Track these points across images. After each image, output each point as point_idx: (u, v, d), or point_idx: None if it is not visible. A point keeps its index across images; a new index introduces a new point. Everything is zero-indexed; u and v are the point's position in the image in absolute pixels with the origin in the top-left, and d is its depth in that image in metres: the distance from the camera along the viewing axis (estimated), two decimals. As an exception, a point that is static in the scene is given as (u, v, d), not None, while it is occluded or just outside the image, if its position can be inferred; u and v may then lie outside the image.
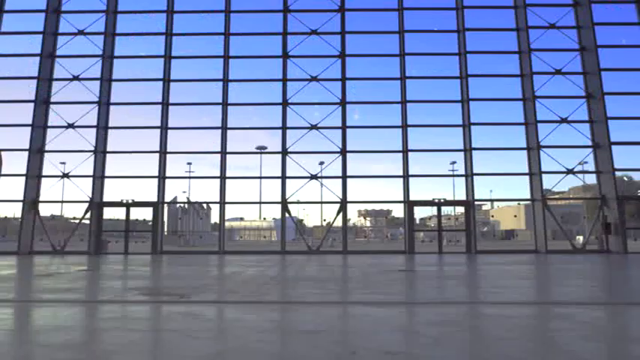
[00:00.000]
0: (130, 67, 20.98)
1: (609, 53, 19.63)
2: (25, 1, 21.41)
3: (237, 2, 20.77)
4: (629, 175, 30.35)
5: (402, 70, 20.10)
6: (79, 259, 15.80)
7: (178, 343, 3.44)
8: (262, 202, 20.65)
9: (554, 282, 8.19)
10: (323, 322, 4.28)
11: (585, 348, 3.28)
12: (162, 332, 3.99)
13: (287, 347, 3.41)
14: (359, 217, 71.72)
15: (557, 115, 19.35)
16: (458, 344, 3.41)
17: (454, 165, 21.14)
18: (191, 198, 26.22)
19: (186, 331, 3.84)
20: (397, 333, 3.83)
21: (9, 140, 19.48)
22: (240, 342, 3.47)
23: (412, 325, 4.35)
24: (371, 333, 3.75)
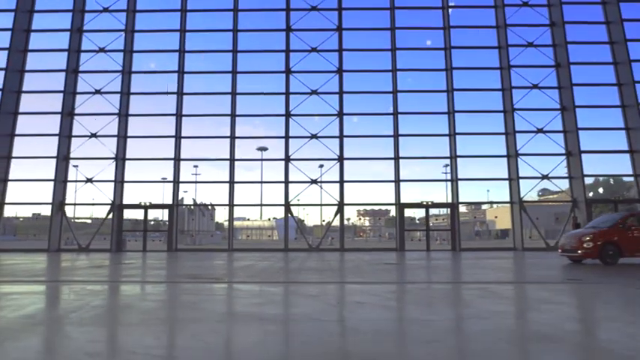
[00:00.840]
0: (147, 81, 23.41)
1: (581, 69, 22.14)
2: (51, 21, 23.87)
3: (244, 22, 23.25)
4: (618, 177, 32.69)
5: (394, 84, 22.59)
6: (105, 255, 18.30)
7: (234, 300, 5.92)
8: (268, 204, 23.16)
9: (495, 270, 10.67)
10: (320, 291, 6.77)
11: (477, 300, 5.77)
12: (223, 296, 6.48)
13: (299, 301, 5.89)
14: (358, 217, 74.47)
15: (534, 126, 21.85)
16: (401, 300, 5.90)
17: (447, 167, 23.63)
18: (196, 199, 28.76)
19: (236, 295, 6.33)
20: (366, 295, 6.32)
21: (40, 148, 21.99)
22: (271, 299, 5.96)
23: (376, 291, 6.83)
24: (350, 295, 6.24)
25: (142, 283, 8.25)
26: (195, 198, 28.61)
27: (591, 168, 21.62)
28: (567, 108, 21.82)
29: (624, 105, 21.72)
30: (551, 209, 36.41)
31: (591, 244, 12.43)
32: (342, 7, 23.25)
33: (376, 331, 3.98)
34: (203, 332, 3.92)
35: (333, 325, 4.32)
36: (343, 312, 5.00)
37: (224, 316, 4.75)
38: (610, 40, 22.48)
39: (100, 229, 22.55)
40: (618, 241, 12.40)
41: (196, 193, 27.04)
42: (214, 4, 23.95)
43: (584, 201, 20.84)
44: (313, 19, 23.16)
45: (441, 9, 23.26)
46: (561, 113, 22.07)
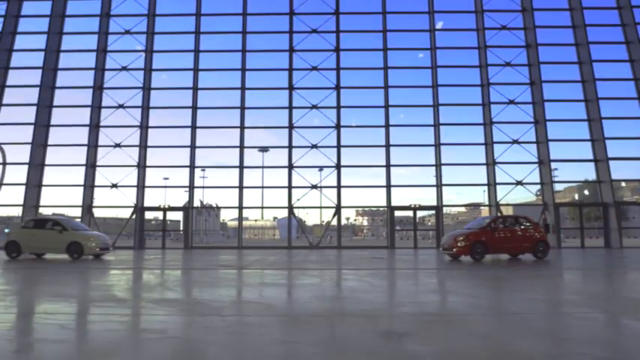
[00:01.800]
0: (165, 96, 26.60)
1: (552, 87, 25.36)
2: (79, 42, 27.05)
3: (252, 43, 26.46)
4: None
5: (385, 100, 25.81)
6: (130, 252, 21.54)
7: (262, 277, 9.18)
8: (273, 207, 26.42)
9: (430, 261, 13.92)
10: (320, 273, 10.05)
11: (405, 276, 9.01)
12: (254, 275, 9.73)
13: (306, 277, 9.15)
14: (357, 217, 77.79)
15: (510, 138, 25.08)
16: (370, 277, 9.16)
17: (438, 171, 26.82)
18: (203, 201, 31.96)
19: (262, 275, 9.59)
20: (350, 275, 9.59)
21: (71, 157, 25.19)
22: (286, 276, 9.23)
23: (357, 273, 10.09)
24: (340, 275, 9.50)
25: (189, 269, 11.52)
26: (203, 200, 31.83)
27: (568, 175, 24.90)
28: (539, 121, 25.06)
29: (590, 119, 24.95)
30: (535, 210, 39.68)
31: (464, 243, 14.69)
32: (340, 30, 26.46)
33: (352, 289, 7.26)
34: (254, 290, 7.18)
35: (329, 287, 7.59)
36: (335, 282, 8.27)
37: (261, 284, 8.02)
38: (579, 60, 25.70)
39: (123, 229, 25.81)
40: (485, 240, 14.73)
41: (203, 196, 30.31)
42: (225, 27, 27.15)
43: (553, 204, 24.11)
44: (314, 40, 26.40)
45: (429, 32, 26.46)
46: (534, 126, 25.30)
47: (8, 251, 16.27)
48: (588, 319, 5.01)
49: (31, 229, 16.70)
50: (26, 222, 17.76)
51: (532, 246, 15.24)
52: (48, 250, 16.44)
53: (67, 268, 12.03)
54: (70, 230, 16.30)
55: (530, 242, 15.31)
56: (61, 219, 17.51)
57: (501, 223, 15.77)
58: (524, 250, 15.40)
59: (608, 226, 23.99)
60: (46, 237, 16.25)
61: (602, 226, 24.57)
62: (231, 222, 47.72)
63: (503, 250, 15.49)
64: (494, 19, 26.38)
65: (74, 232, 16.29)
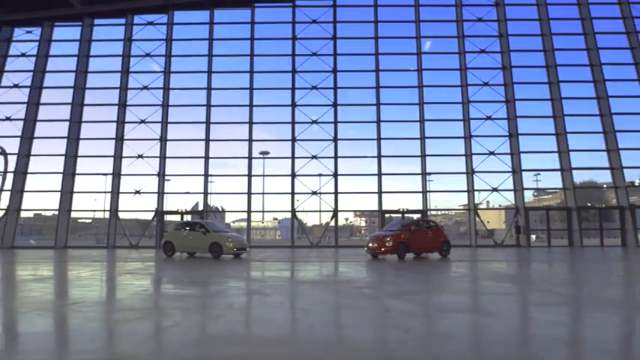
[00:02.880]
0: (182, 113, 30.45)
1: (524, 104, 29.30)
2: (104, 64, 30.87)
3: (259, 65, 30.35)
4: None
5: (377, 115, 29.70)
6: (153, 250, 25.37)
7: (279, 265, 13.08)
8: (279, 210, 30.30)
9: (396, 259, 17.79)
10: (320, 265, 13.95)
11: (377, 267, 12.90)
12: (273, 265, 13.63)
13: (309, 267, 13.05)
14: (355, 218, 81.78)
15: (487, 150, 29.00)
16: (358, 267, 13.07)
17: (429, 176, 30.72)
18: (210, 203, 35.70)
19: (278, 266, 13.49)
20: (344, 267, 13.49)
21: (100, 166, 29.08)
22: (295, 267, 13.13)
23: (349, 265, 13.97)
24: (335, 267, 13.40)
25: (246, 262, 15.39)
26: (210, 203, 35.63)
27: (551, 182, 28.84)
28: (513, 135, 28.98)
29: (557, 133, 28.87)
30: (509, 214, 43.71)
31: (391, 243, 16.70)
32: (337, 54, 30.36)
33: (340, 271, 11.18)
34: (276, 274, 11.08)
35: (325, 270, 11.50)
36: (329, 268, 12.18)
37: (279, 269, 11.92)
38: (548, 80, 29.62)
39: (145, 231, 29.66)
40: (407, 240, 16.83)
41: (210, 199, 34.11)
42: (235, 50, 31.07)
43: (524, 208, 28.06)
44: (314, 63, 30.30)
45: (416, 55, 30.35)
46: (509, 139, 29.22)
47: (165, 250, 18.84)
48: (407, 282, 8.90)
49: (182, 231, 19.05)
50: (178, 225, 20.22)
51: (439, 246, 17.71)
52: (195, 249, 18.54)
53: (210, 262, 15.94)
54: (212, 232, 18.19)
55: (438, 243, 17.74)
56: (206, 222, 19.73)
57: (417, 226, 17.89)
58: (434, 249, 17.74)
59: (571, 228, 27.95)
60: (194, 238, 18.39)
61: (566, 227, 28.53)
62: (234, 223, 51.60)
63: (420, 250, 17.47)
64: (474, 43, 30.34)
65: (215, 233, 18.15)
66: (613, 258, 17.12)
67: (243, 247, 18.28)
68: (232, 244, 17.75)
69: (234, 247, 17.78)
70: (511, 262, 15.27)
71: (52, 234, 29.46)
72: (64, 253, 22.54)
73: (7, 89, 29.83)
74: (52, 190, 28.54)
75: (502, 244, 28.50)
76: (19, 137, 28.74)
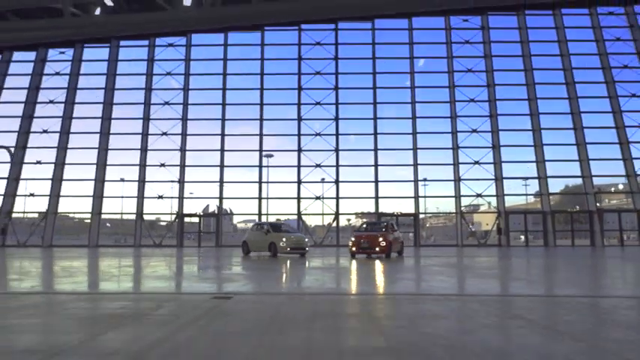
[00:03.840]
0: (199, 126, 34.52)
1: (506, 119, 33.25)
2: (129, 82, 34.98)
3: (268, 83, 34.38)
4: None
5: (374, 128, 33.71)
6: (175, 249, 29.42)
7: (293, 258, 17.12)
8: (286, 213, 34.32)
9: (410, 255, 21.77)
10: (323, 259, 17.99)
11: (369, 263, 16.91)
12: (289, 258, 17.68)
13: (314, 259, 17.07)
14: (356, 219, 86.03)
15: (472, 159, 32.97)
16: (356, 261, 17.11)
17: (425, 181, 34.70)
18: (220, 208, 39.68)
19: (292, 258, 17.54)
20: (343, 260, 17.51)
21: (127, 174, 33.17)
22: (305, 259, 17.18)
23: (347, 260, 17.98)
24: (336, 260, 17.43)
25: (244, 256, 19.43)
26: (221, 206, 39.66)
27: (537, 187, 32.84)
28: (496, 146, 32.96)
29: (535, 145, 32.83)
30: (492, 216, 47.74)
31: (385, 243, 17.59)
32: (338, 72, 34.40)
33: (338, 262, 15.22)
34: (295, 262, 15.12)
35: (326, 261, 15.54)
36: (330, 259, 16.21)
37: (296, 260, 15.96)
38: (528, 97, 33.58)
39: (167, 232, 33.77)
40: (391, 241, 18.05)
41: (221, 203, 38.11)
42: (247, 69, 35.15)
43: (504, 212, 32.04)
44: (318, 81, 34.33)
45: (409, 73, 34.37)
46: (492, 150, 33.19)
47: (243, 250, 20.67)
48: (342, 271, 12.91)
49: (253, 232, 20.93)
50: (253, 226, 22.22)
51: (400, 245, 19.81)
52: (260, 249, 19.93)
53: (269, 259, 20.02)
54: (272, 232, 19.58)
55: (400, 243, 19.77)
56: (272, 223, 21.96)
57: (392, 228, 19.46)
58: (398, 249, 19.37)
59: (546, 230, 31.93)
60: (259, 238, 19.91)
61: (542, 229, 32.53)
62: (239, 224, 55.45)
63: (394, 249, 18.55)
64: (462, 63, 34.34)
65: (273, 234, 19.44)
66: (561, 254, 21.10)
67: (298, 247, 19.17)
68: (285, 244, 18.85)
69: (287, 246, 18.88)
70: (470, 257, 19.26)
71: (79, 234, 33.61)
72: (110, 250, 26.61)
73: (43, 104, 33.95)
74: (86, 195, 32.67)
75: (485, 244, 32.49)
76: (56, 148, 32.85)
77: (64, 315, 5.42)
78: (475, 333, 4.40)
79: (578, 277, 11.35)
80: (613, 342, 4.07)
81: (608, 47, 33.94)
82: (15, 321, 4.99)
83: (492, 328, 4.73)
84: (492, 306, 6.09)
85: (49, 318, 5.41)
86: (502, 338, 4.41)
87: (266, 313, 5.50)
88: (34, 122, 33.72)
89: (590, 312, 5.72)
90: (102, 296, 7.53)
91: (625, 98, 32.85)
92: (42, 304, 6.43)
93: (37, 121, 33.75)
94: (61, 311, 5.77)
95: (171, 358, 3.51)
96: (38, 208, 32.98)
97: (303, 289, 8.30)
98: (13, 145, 32.60)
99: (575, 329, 4.57)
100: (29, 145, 33.35)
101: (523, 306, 6.21)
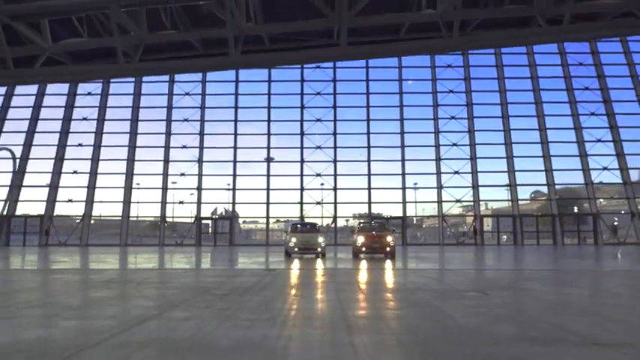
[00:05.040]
0: (215, 139, 40.13)
1: (482, 134, 39.00)
2: (153, 101, 40.55)
3: (275, 102, 40.03)
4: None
5: (368, 142, 39.36)
6: (195, 247, 35.00)
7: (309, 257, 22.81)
8: (290, 217, 39.91)
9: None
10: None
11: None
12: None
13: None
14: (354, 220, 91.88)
15: (452, 169, 38.66)
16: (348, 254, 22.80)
17: (417, 184, 40.36)
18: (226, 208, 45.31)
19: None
20: (344, 253, 23.16)
21: (152, 182, 38.76)
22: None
23: (341, 252, 23.61)
24: (334, 253, 23.10)
25: (264, 252, 25.07)
26: (234, 210, 45.27)
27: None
28: (473, 158, 38.66)
29: (507, 157, 38.53)
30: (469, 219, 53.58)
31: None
32: (337, 93, 40.08)
33: (341, 258, 20.90)
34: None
35: (330, 255, 21.22)
36: (332, 255, 21.89)
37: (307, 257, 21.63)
38: (502, 115, 39.28)
39: (187, 233, 39.41)
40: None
41: (234, 207, 43.73)
42: (256, 90, 40.80)
43: (479, 215, 37.78)
44: (318, 100, 40.00)
45: (398, 94, 40.03)
46: (470, 161, 38.89)
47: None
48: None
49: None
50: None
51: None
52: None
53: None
54: (288, 232, 21.31)
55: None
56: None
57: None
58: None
59: (515, 231, 37.69)
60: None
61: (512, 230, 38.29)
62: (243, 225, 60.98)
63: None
64: (444, 85, 40.06)
65: (288, 234, 20.93)
66: (508, 251, 26.77)
67: (308, 247, 19.69)
68: (293, 244, 19.60)
69: (296, 246, 19.59)
70: (438, 252, 24.91)
71: (110, 235, 39.27)
72: (147, 248, 32.19)
73: (78, 121, 39.50)
74: (115, 201, 38.25)
75: (463, 243, 38.21)
76: (90, 160, 38.40)
77: (205, 275, 11.09)
78: (404, 280, 10.08)
79: (481, 262, 17.07)
80: (454, 283, 9.76)
81: (572, 71, 39.67)
82: (175, 279, 10.67)
83: (413, 278, 10.42)
84: (416, 272, 11.79)
85: (199, 277, 11.07)
86: (417, 281, 10.08)
87: (294, 277, 11.18)
88: (70, 137, 39.26)
89: (454, 275, 11.43)
90: (203, 271, 13.22)
91: (585, 116, 38.63)
92: (178, 273, 12.09)
93: (73, 136, 39.30)
94: (197, 276, 11.43)
95: (265, 288, 9.13)
96: (76, 212, 38.62)
97: (316, 266, 13.97)
98: (53, 157, 38.18)
99: (445, 279, 10.26)
100: (66, 157, 38.86)
101: (429, 274, 11.89)
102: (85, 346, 4.00)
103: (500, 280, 10.25)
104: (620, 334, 4.69)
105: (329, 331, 4.67)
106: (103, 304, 6.50)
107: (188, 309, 5.99)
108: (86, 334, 4.58)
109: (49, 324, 5.20)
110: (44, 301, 6.96)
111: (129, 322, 5.05)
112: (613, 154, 37.78)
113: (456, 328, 4.89)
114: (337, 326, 4.89)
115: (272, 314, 5.55)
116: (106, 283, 9.55)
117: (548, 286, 9.38)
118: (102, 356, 3.81)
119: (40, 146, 38.80)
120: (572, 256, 22.15)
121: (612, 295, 7.88)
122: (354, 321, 5.21)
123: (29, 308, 6.16)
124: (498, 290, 8.21)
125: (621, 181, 37.46)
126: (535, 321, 5.21)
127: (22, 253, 25.53)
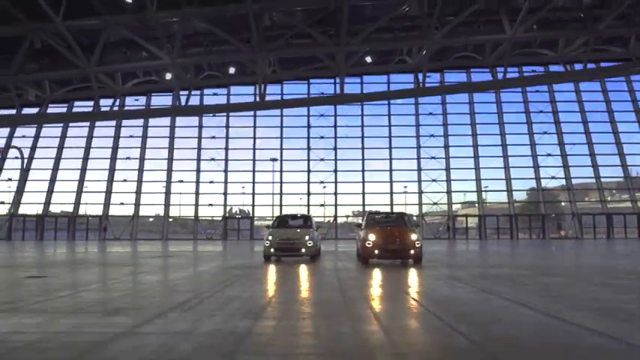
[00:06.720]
0: (237, 153, 50.04)
1: (456, 149, 48.92)
2: (187, 121, 50.48)
3: (285, 121, 49.97)
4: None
5: (362, 154, 49.31)
6: (219, 241, 45.02)
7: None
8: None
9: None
10: (326, 245, 33.72)
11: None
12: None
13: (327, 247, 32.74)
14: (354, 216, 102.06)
15: (430, 178, 48.63)
16: (348, 246, 32.80)
17: (406, 188, 50.30)
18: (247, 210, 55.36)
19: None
20: (344, 246, 33.16)
21: (187, 188, 48.80)
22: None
23: (345, 246, 33.57)
24: (335, 247, 33.13)
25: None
26: (253, 211, 55.31)
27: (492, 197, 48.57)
28: (448, 169, 48.59)
29: (476, 168, 48.43)
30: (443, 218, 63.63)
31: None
32: (337, 114, 50.01)
33: (342, 251, 30.95)
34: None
35: (331, 249, 31.27)
36: (332, 249, 31.93)
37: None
38: (472, 133, 49.10)
39: (216, 230, 49.54)
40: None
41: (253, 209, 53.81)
42: (271, 111, 50.66)
43: (452, 215, 47.81)
44: (322, 120, 49.87)
45: (387, 116, 49.94)
46: (445, 172, 48.80)
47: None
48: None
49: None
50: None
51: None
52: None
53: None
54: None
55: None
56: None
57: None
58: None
59: (480, 228, 47.71)
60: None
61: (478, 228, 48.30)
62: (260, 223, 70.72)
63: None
64: (426, 108, 49.94)
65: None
66: (459, 244, 36.68)
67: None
68: (268, 244, 16.82)
69: (271, 247, 16.79)
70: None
71: (151, 231, 49.42)
72: (187, 242, 42.16)
73: (125, 138, 49.50)
74: (157, 204, 48.36)
75: (439, 238, 48.21)
76: (137, 170, 48.46)
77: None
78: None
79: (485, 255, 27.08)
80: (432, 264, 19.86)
81: (531, 97, 49.48)
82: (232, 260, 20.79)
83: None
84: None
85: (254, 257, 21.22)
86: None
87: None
88: (119, 151, 49.30)
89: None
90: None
91: (539, 135, 48.49)
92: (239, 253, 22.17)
93: (121, 150, 49.35)
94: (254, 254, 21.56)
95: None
96: (126, 212, 48.75)
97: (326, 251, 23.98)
98: (107, 168, 48.25)
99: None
100: (117, 168, 48.89)
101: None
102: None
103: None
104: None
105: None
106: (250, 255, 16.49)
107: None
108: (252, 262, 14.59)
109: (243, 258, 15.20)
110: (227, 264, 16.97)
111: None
112: (560, 165, 47.70)
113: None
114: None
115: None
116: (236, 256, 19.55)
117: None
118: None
119: (96, 159, 48.87)
120: (522, 246, 32.18)
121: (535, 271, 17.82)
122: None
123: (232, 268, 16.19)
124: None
125: (566, 187, 47.43)
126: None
127: (102, 246, 35.62)
